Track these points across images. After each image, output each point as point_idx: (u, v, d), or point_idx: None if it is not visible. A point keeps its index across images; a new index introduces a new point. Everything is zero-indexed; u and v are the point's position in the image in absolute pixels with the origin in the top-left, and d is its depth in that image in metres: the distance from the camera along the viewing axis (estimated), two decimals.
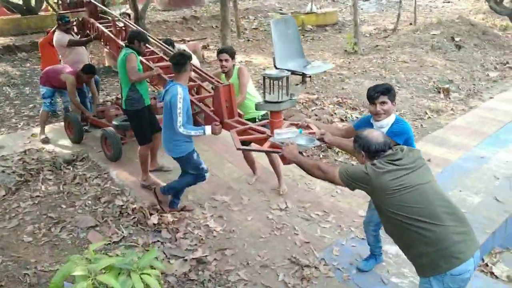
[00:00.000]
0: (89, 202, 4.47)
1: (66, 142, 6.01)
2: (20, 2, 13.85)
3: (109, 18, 6.35)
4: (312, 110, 7.02)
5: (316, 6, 17.00)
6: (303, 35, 14.51)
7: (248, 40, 14.14)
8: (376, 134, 2.48)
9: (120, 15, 6.62)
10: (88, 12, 6.50)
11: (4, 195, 4.55)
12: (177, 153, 3.86)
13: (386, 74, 9.00)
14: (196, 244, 3.80)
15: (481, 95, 8.21)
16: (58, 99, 6.59)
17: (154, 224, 4.05)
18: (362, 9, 18.11)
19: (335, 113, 7.02)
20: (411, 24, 14.08)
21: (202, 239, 3.86)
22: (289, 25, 3.63)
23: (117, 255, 3.53)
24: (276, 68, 3.35)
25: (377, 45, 11.87)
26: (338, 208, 4.39)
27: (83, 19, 6.51)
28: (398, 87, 8.36)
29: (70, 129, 5.95)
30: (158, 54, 5.31)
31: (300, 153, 2.92)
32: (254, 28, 15.67)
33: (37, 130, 6.33)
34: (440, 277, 2.24)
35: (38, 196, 4.55)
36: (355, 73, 9.41)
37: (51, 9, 13.43)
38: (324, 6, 18.75)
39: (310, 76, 3.48)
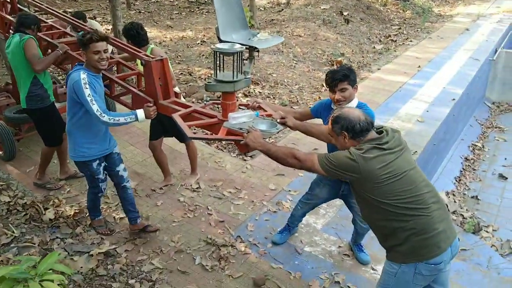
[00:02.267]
0: None
1: None
2: None
3: None
4: None
5: None
6: (198, 8, 14.13)
7: (140, 12, 13.32)
8: (357, 112, 2.22)
9: None
10: None
11: None
12: (73, 156, 3.17)
13: (284, 48, 9.19)
14: (101, 237, 3.50)
15: (370, 67, 8.86)
16: None
17: (50, 219, 3.64)
18: None
19: None
20: None
21: (108, 229, 3.57)
22: None
23: (9, 259, 3.13)
24: (220, 40, 2.92)
25: (272, 19, 12.04)
26: (249, 184, 4.40)
27: None
28: (296, 61, 8.61)
29: None
30: (59, 29, 4.40)
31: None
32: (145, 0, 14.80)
33: None
34: (413, 265, 2.15)
35: None
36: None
37: None
38: None
39: (258, 50, 3.03)
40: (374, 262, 3.36)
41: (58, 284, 2.19)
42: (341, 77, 2.74)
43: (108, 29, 10.17)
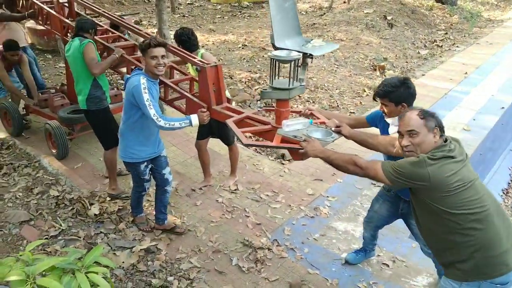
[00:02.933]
0: (20, 194, 4.07)
1: None
2: None
3: None
4: (256, 89, 6.95)
5: None
6: (240, 12, 14.29)
7: (184, 16, 13.63)
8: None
9: None
10: None
11: None
12: (123, 157, 3.28)
13: (325, 53, 9.11)
14: (143, 234, 3.61)
15: (414, 72, 8.63)
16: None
17: (95, 214, 3.79)
18: None
19: None
20: (345, 2, 14.36)
21: (150, 227, 3.68)
22: None
23: (57, 250, 3.29)
24: (275, 47, 2.90)
25: (314, 23, 11.98)
26: (287, 188, 4.40)
27: None
28: (337, 65, 8.52)
29: (7, 120, 5.18)
30: (114, 32, 4.51)
31: None
32: (189, 3, 15.14)
33: None
34: (476, 283, 2.03)
35: None
36: None
37: None
38: None
39: (312, 57, 3.01)
40: (414, 273, 3.26)
41: (102, 277, 2.29)
42: (378, 92, 2.67)
43: (154, 32, 10.49)
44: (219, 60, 8.64)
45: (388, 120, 2.76)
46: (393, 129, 2.70)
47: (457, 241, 2.03)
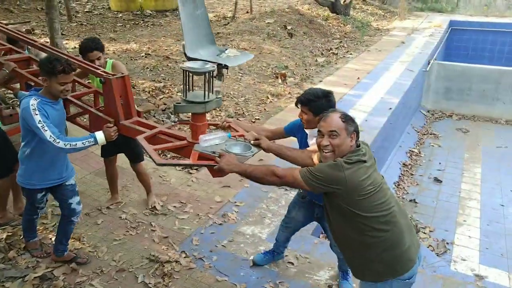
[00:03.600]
0: None
1: None
2: None
3: None
4: (160, 99, 6.82)
5: None
6: (142, 20, 13.94)
7: (82, 24, 12.91)
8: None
9: None
10: None
11: None
12: (21, 182, 2.98)
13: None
14: (37, 260, 3.33)
15: (312, 79, 9.15)
16: None
17: None
18: None
19: None
20: (247, 12, 14.80)
21: (45, 252, 3.39)
22: (198, 4, 2.97)
23: None
24: (187, 57, 2.74)
25: (218, 32, 12.12)
26: (195, 197, 4.37)
27: None
28: (241, 74, 8.72)
29: None
30: (4, 45, 3.95)
31: None
32: (87, 11, 14.41)
33: None
34: (389, 282, 2.13)
35: None
36: None
37: None
38: None
39: (227, 68, 2.86)
40: (317, 268, 3.44)
41: None
42: (301, 99, 2.71)
43: (47, 42, 9.78)
44: None
45: (307, 131, 2.80)
46: (312, 141, 2.74)
47: (367, 242, 2.10)
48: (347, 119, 2.16)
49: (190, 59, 2.74)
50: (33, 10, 13.78)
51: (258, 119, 6.74)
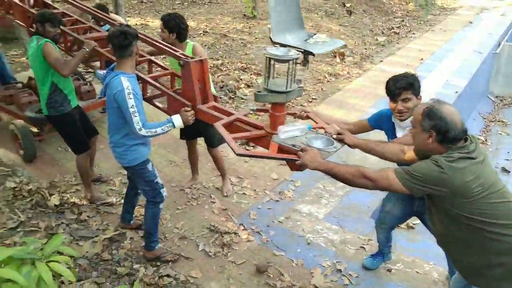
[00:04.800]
0: None
1: None
2: None
3: None
4: (218, 76, 6.90)
5: None
6: None
7: (142, 2, 13.26)
8: (455, 115, 1.88)
9: None
10: None
11: None
12: (129, 161, 2.90)
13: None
14: (106, 224, 3.55)
15: (372, 59, 8.85)
16: None
17: (55, 205, 3.68)
18: None
19: (241, 79, 7.00)
20: None
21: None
22: None
23: (16, 243, 3.18)
24: (273, 42, 2.61)
25: None
26: (252, 173, 4.44)
27: None
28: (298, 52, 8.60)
29: None
30: (85, 23, 4.02)
31: None
32: None
33: None
34: None
35: None
36: (256, 38, 9.43)
37: None
38: None
39: (313, 55, 2.68)
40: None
41: (66, 267, 2.24)
42: (404, 86, 2.44)
43: None
44: None
45: (397, 121, 2.57)
46: (401, 133, 2.58)
47: (486, 247, 1.89)
48: (426, 114, 1.91)
49: (275, 44, 2.59)
50: None
51: (315, 98, 6.65)
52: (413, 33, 11.24)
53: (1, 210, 3.58)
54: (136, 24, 10.08)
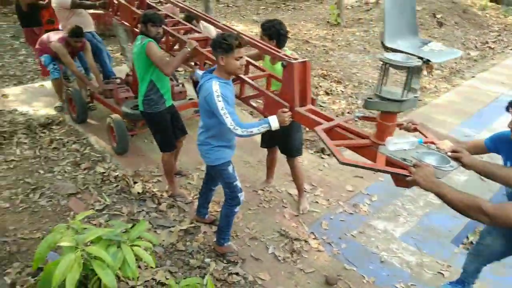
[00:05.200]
0: (69, 168, 4.25)
1: (41, 104, 5.68)
2: None
3: None
4: None
5: None
6: (284, 4, 14.19)
7: (228, 6, 13.70)
8: None
9: None
10: None
11: None
12: (212, 160, 3.01)
13: (370, 48, 8.93)
14: (183, 216, 3.69)
15: (463, 74, 8.30)
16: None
17: (138, 193, 3.91)
18: None
19: (320, 86, 6.94)
20: None
21: (187, 210, 3.74)
22: None
23: (101, 223, 3.42)
24: (385, 47, 2.48)
25: (360, 18, 11.74)
26: (326, 182, 4.36)
27: None
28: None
29: (73, 107, 5.17)
30: (185, 24, 4.16)
31: None
32: None
33: (8, 90, 5.96)
34: None
35: (13, 160, 4.29)
36: (339, 45, 9.29)
37: None
38: None
39: (429, 63, 2.40)
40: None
41: (146, 251, 2.36)
42: None
43: None
44: None
45: None
46: None
47: None
48: None
49: (387, 49, 2.44)
50: None
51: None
52: (511, 49, 10.36)
53: (91, 192, 3.88)
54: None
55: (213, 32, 4.86)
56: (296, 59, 2.86)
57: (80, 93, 5.16)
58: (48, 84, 6.04)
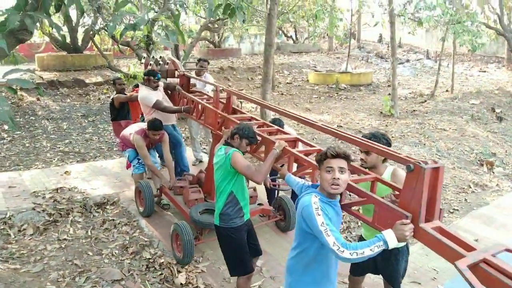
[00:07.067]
0: (116, 251, 4.26)
1: (100, 182, 5.95)
2: (68, 41, 14.50)
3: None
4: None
5: (351, 66, 17.24)
6: (337, 93, 14.58)
7: (282, 94, 14.27)
8: None
9: (155, 58, 5.72)
10: (180, 84, 5.51)
11: (31, 234, 4.42)
12: None
13: (426, 141, 8.75)
14: None
15: None
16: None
17: (181, 283, 3.79)
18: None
19: None
20: (447, 91, 13.96)
21: None
22: None
23: None
24: None
25: (414, 110, 11.71)
26: None
27: (168, 85, 5.68)
28: (439, 156, 8.07)
29: (140, 199, 5.04)
30: (272, 126, 3.95)
31: None
32: (288, 83, 15.88)
33: (71, 167, 6.31)
34: None
35: (66, 239, 4.40)
36: (393, 136, 9.18)
37: (95, 49, 13.99)
38: (359, 66, 19.00)
39: None
40: None
41: None
42: None
43: (253, 108, 11.08)
44: (313, 139, 8.71)
45: None
46: None
47: None
48: None
49: None
50: (245, 79, 15.93)
51: (457, 209, 6.00)
52: None
53: (135, 280, 3.82)
54: (274, 114, 10.76)
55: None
56: (426, 162, 2.23)
57: (150, 187, 4.96)
58: (107, 163, 6.38)
